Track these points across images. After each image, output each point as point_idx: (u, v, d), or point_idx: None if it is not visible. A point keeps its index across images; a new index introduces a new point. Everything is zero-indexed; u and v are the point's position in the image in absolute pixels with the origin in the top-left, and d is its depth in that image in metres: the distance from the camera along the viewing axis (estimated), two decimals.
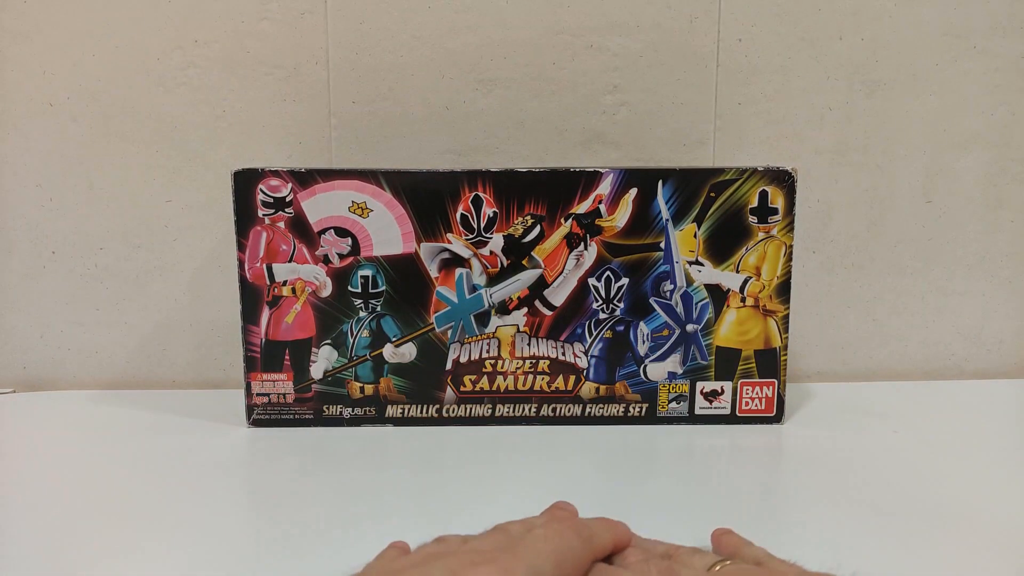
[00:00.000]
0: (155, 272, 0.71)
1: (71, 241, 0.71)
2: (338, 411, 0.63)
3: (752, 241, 0.60)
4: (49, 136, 0.69)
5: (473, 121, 0.69)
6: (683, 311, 0.61)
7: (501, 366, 0.62)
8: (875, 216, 0.72)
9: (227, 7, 0.67)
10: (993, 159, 0.71)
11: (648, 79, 0.69)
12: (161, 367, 0.73)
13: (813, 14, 0.68)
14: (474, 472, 0.55)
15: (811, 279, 0.72)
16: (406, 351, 0.62)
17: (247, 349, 0.62)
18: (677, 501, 0.51)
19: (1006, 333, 0.74)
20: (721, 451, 0.59)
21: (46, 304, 0.72)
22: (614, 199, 0.60)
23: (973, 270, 0.73)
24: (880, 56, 0.69)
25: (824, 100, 0.70)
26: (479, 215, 0.60)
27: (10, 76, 0.68)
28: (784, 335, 0.62)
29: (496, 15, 0.68)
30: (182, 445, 0.59)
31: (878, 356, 0.74)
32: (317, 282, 0.61)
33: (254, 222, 0.60)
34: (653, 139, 0.70)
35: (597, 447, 0.59)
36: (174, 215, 0.70)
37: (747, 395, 0.62)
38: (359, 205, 0.60)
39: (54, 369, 0.73)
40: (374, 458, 0.58)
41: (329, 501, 0.51)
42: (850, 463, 0.55)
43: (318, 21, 0.68)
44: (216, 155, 0.69)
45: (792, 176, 0.59)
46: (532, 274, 0.61)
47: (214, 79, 0.68)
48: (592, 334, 0.62)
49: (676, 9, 0.68)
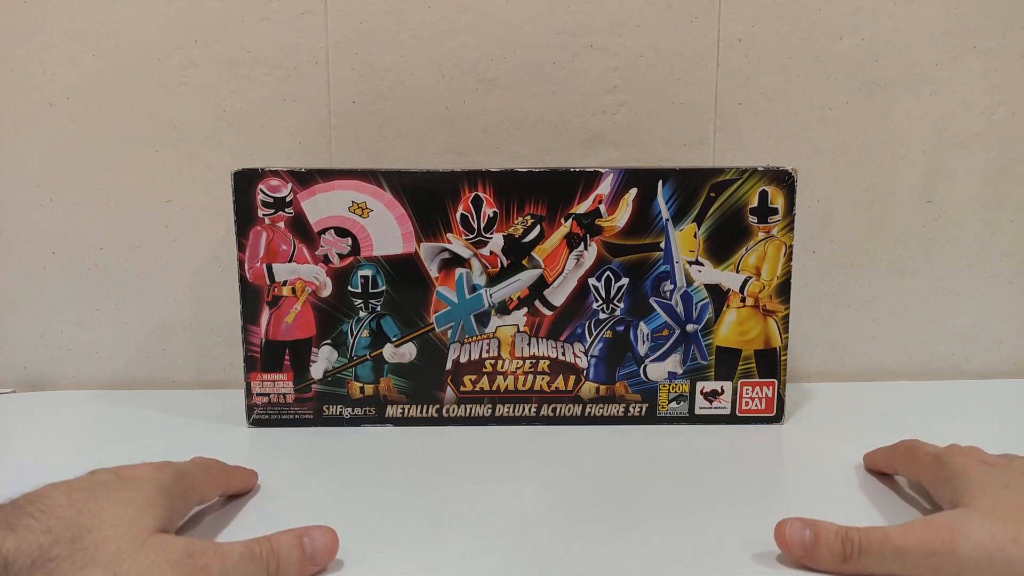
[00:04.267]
0: (155, 272, 0.71)
1: (71, 241, 0.71)
2: (338, 411, 0.63)
3: (752, 241, 0.60)
4: (49, 136, 0.69)
5: (473, 121, 0.69)
6: (683, 311, 0.61)
7: (501, 366, 0.62)
8: (875, 216, 0.72)
9: (227, 7, 0.67)
10: (993, 159, 0.71)
11: (648, 79, 0.69)
12: (161, 367, 0.73)
13: (813, 14, 0.68)
14: (474, 472, 0.55)
15: (811, 279, 0.72)
16: (406, 351, 0.62)
17: (247, 349, 0.62)
18: (677, 501, 0.51)
19: (1006, 333, 0.74)
20: (721, 451, 0.59)
21: (46, 304, 0.72)
22: (614, 199, 0.60)
23: (973, 270, 0.73)
24: (880, 56, 0.69)
25: (824, 100, 0.70)
26: (479, 215, 0.60)
27: (10, 76, 0.68)
28: (784, 335, 0.62)
29: (496, 15, 0.68)
30: (182, 445, 0.59)
31: (878, 356, 0.74)
32: (317, 282, 0.61)
33: (254, 222, 0.60)
34: (653, 139, 0.70)
35: (597, 447, 0.59)
36: (174, 215, 0.70)
37: (747, 395, 0.62)
38: (359, 205, 0.60)
39: (54, 369, 0.73)
40: (374, 458, 0.58)
41: (329, 501, 0.51)
42: (850, 463, 0.55)
43: (318, 21, 0.68)
44: (216, 155, 0.69)
45: (792, 176, 0.59)
46: (532, 274, 0.61)
47: (214, 79, 0.68)
48: (592, 334, 0.62)
49: (676, 9, 0.68)
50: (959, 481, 0.43)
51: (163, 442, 0.61)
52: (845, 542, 0.41)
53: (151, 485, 0.41)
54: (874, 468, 0.53)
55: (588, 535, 0.46)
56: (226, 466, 0.50)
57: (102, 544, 0.36)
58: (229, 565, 0.38)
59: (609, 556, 0.44)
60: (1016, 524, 0.39)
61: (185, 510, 0.45)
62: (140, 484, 0.40)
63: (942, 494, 0.44)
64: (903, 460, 0.50)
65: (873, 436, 0.55)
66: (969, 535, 0.39)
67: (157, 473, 0.42)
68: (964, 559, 0.38)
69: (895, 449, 0.52)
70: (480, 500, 0.51)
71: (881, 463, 0.53)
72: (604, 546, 0.45)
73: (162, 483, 0.41)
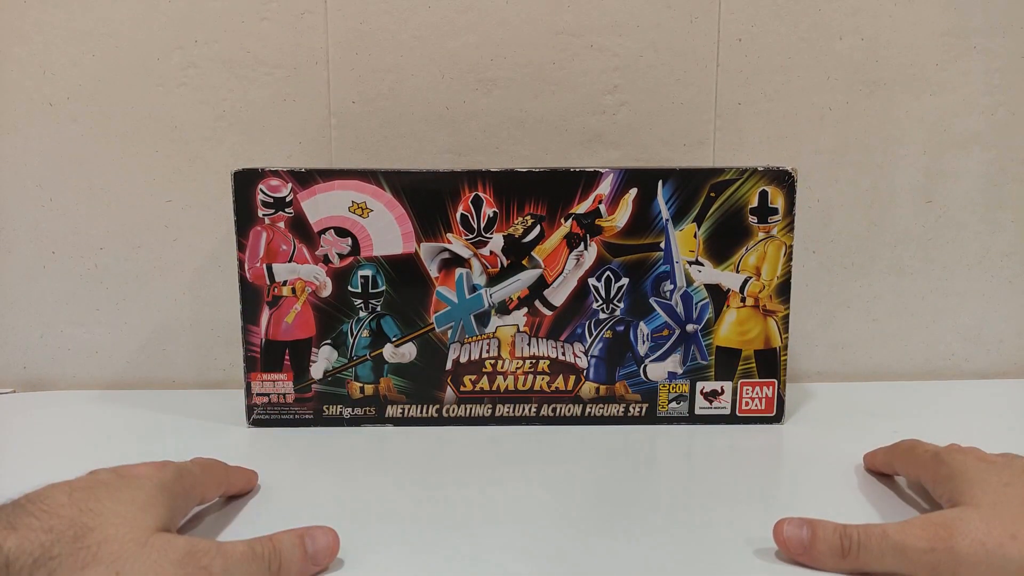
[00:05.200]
0: (155, 272, 0.71)
1: (71, 241, 0.71)
2: (338, 411, 0.63)
3: (752, 241, 0.60)
4: (49, 136, 0.69)
5: (473, 121, 0.69)
6: (683, 311, 0.61)
7: (501, 366, 0.62)
8: (875, 216, 0.72)
9: (227, 7, 0.67)
10: (993, 159, 0.71)
11: (648, 79, 0.69)
12: (161, 367, 0.73)
13: (813, 14, 0.68)
14: (474, 472, 0.55)
15: (811, 279, 0.72)
16: (406, 351, 0.62)
17: (247, 349, 0.62)
18: (677, 501, 0.51)
19: (1006, 333, 0.74)
20: (721, 451, 0.59)
21: (46, 304, 0.72)
22: (614, 199, 0.60)
23: (973, 270, 0.73)
24: (880, 56, 0.69)
25: (824, 100, 0.70)
26: (479, 215, 0.60)
27: (10, 76, 0.68)
28: (784, 335, 0.62)
29: (496, 15, 0.68)
30: (182, 445, 0.60)
31: (878, 356, 0.74)
32: (317, 282, 0.61)
33: (254, 222, 0.60)
34: (653, 139, 0.70)
35: (597, 447, 0.59)
36: (174, 215, 0.70)
37: (747, 395, 0.62)
38: (359, 205, 0.60)
39: (54, 369, 0.73)
40: (374, 458, 0.58)
41: (329, 501, 0.51)
42: (850, 463, 0.55)
43: (318, 21, 0.68)
44: (216, 155, 0.69)
45: (792, 176, 0.59)
46: (532, 274, 0.61)
47: (214, 79, 0.68)
48: (592, 334, 0.62)
49: (676, 9, 0.68)
50: (958, 479, 0.43)
51: (163, 442, 0.61)
52: (843, 538, 0.41)
53: (152, 484, 0.41)
54: (874, 468, 0.53)
55: (588, 535, 0.46)
56: (226, 466, 0.50)
57: (104, 543, 0.36)
58: (231, 564, 0.38)
59: (609, 556, 0.44)
60: (1015, 522, 0.39)
61: (186, 509, 0.45)
62: (141, 483, 0.40)
63: (941, 492, 0.44)
64: (902, 459, 0.50)
65: (873, 436, 0.55)
66: (968, 532, 0.39)
67: (158, 472, 0.42)
68: (962, 556, 0.38)
69: (895, 448, 0.52)
70: (480, 500, 0.51)
71: (881, 463, 0.53)
72: (604, 546, 0.45)
73: (163, 482, 0.41)
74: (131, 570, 0.35)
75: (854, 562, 0.40)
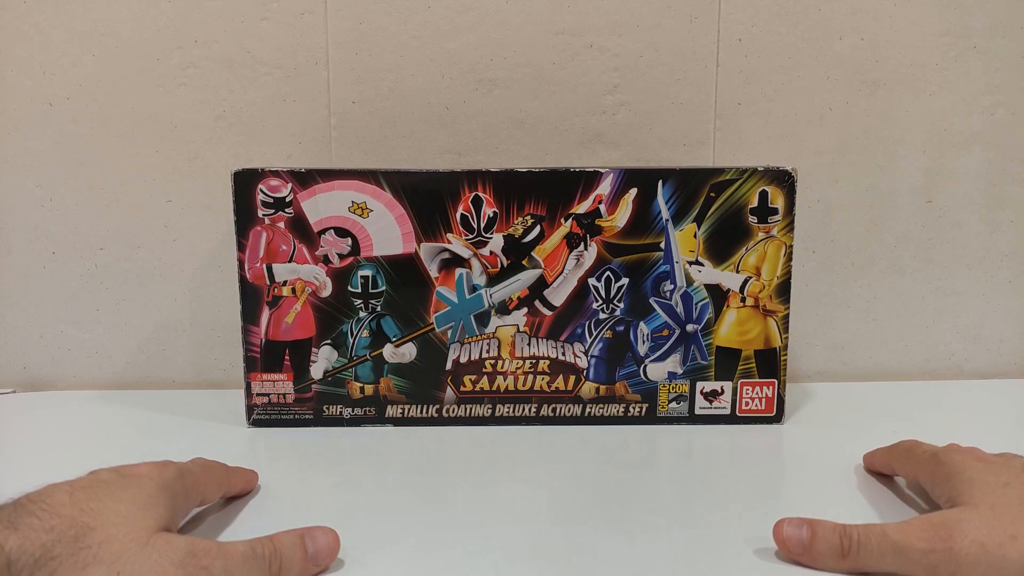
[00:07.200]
0: (155, 272, 0.71)
1: (71, 241, 0.71)
2: (338, 411, 0.63)
3: (752, 241, 0.60)
4: (49, 136, 0.69)
5: (473, 121, 0.69)
6: (683, 311, 0.61)
7: (501, 366, 0.62)
8: (875, 216, 0.72)
9: (227, 7, 0.67)
10: (993, 159, 0.71)
11: (648, 79, 0.69)
12: (161, 367, 0.73)
13: (813, 14, 0.68)
14: (474, 472, 0.55)
15: (811, 279, 0.72)
16: (406, 351, 0.62)
17: (247, 349, 0.62)
18: (677, 501, 0.51)
19: (1006, 333, 0.74)
20: (721, 451, 0.59)
21: (46, 304, 0.72)
22: (614, 199, 0.60)
23: (973, 270, 0.73)
24: (880, 56, 0.69)
25: (824, 100, 0.70)
26: (479, 215, 0.60)
27: (10, 76, 0.68)
28: (784, 335, 0.62)
29: (496, 15, 0.68)
30: (182, 445, 0.59)
31: (878, 356, 0.74)
32: (317, 282, 0.61)
33: (254, 222, 0.60)
34: (653, 139, 0.70)
35: (597, 447, 0.59)
36: (174, 215, 0.70)
37: (747, 395, 0.62)
38: (359, 205, 0.60)
39: (54, 369, 0.73)
40: (374, 458, 0.58)
41: (329, 501, 0.51)
42: (850, 463, 0.55)
43: (318, 21, 0.68)
44: (216, 155, 0.69)
45: (792, 176, 0.59)
46: (532, 274, 0.61)
47: (214, 79, 0.68)
48: (592, 334, 0.62)
49: (676, 9, 0.68)
50: (957, 479, 0.43)
51: (163, 442, 0.61)
52: (843, 538, 0.41)
53: (153, 484, 0.41)
54: (873, 468, 0.53)
55: (588, 535, 0.46)
56: (227, 467, 0.50)
57: (105, 543, 0.36)
58: (232, 564, 0.38)
59: (609, 556, 0.44)
60: (1014, 522, 0.39)
61: (187, 509, 0.45)
62: (142, 483, 0.40)
63: (940, 492, 0.44)
64: (902, 459, 0.50)
65: (873, 436, 0.55)
66: (967, 532, 0.39)
67: (159, 472, 0.42)
68: (962, 556, 0.38)
69: (894, 449, 0.52)
70: (480, 500, 0.51)
71: (880, 463, 0.53)
72: (604, 546, 0.45)
73: (164, 481, 0.41)
74: (132, 570, 0.35)
75: (854, 562, 0.41)
